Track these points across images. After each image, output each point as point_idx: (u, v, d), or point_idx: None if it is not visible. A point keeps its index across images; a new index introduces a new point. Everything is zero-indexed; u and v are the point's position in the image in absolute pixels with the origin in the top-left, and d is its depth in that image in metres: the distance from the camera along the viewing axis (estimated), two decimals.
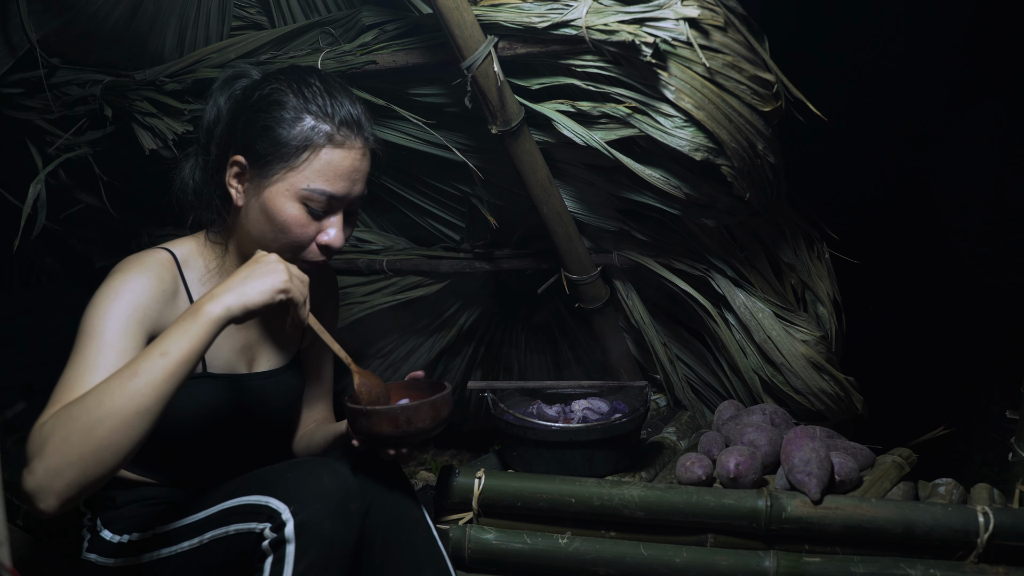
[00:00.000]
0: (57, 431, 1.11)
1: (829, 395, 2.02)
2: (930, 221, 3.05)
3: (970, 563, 1.52)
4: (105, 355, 1.23)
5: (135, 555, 1.37)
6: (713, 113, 1.79)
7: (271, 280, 1.25)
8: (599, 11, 1.77)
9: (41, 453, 1.10)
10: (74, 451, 1.10)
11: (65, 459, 1.10)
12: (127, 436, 1.12)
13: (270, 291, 1.24)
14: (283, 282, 1.25)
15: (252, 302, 1.23)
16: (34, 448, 1.11)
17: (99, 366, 1.22)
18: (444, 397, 1.42)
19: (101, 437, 1.11)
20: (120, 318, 1.27)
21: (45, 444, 1.11)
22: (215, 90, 1.48)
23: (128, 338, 1.26)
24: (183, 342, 1.17)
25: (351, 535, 1.29)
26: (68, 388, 1.20)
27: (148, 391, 1.14)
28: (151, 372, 1.14)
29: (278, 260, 1.28)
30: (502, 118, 1.86)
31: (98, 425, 1.11)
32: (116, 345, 1.25)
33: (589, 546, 1.61)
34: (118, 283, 1.31)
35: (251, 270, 1.26)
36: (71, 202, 2.31)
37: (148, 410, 1.14)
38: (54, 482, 1.09)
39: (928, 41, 2.79)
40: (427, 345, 2.39)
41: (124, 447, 1.13)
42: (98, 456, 1.11)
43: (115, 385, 1.14)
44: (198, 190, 1.48)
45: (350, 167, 1.39)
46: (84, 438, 1.10)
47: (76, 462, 1.10)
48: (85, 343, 1.25)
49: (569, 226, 2.02)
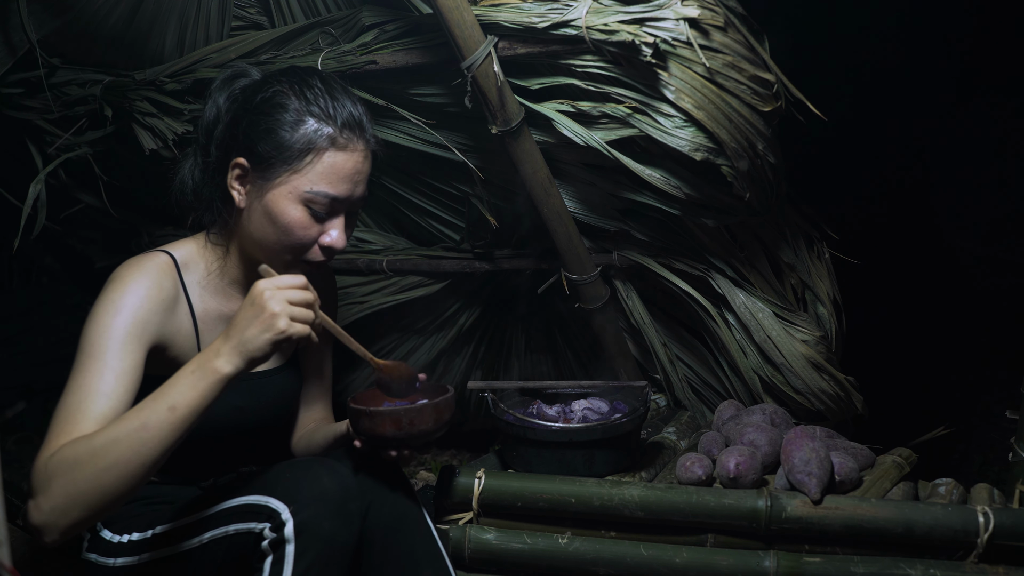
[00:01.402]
0: (62, 473, 1.15)
1: (829, 395, 2.02)
2: (930, 221, 3.05)
3: (970, 563, 1.52)
4: (105, 379, 1.25)
5: (135, 555, 1.37)
6: (713, 113, 1.79)
7: (269, 334, 1.19)
8: (599, 11, 1.77)
9: (47, 492, 1.15)
10: (80, 495, 1.15)
11: (71, 501, 1.15)
12: (131, 483, 1.17)
13: (270, 343, 1.20)
14: (280, 333, 1.19)
15: (256, 356, 1.21)
16: (39, 484, 1.16)
17: (100, 392, 1.24)
18: (447, 400, 1.42)
19: (107, 483, 1.15)
20: (119, 336, 1.28)
21: (50, 483, 1.15)
22: (214, 90, 1.48)
23: (128, 356, 1.28)
24: (191, 396, 1.19)
25: (351, 535, 1.29)
26: (70, 416, 1.22)
27: (154, 444, 1.17)
28: (158, 427, 1.17)
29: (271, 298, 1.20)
30: (502, 118, 1.86)
31: (104, 473, 1.15)
32: (116, 367, 1.26)
33: (589, 546, 1.61)
34: (117, 295, 1.31)
35: (249, 319, 1.20)
36: (71, 202, 2.31)
37: (153, 461, 1.18)
38: (59, 520, 1.15)
39: (928, 41, 2.79)
40: (427, 345, 2.39)
41: (128, 491, 1.18)
42: (102, 500, 1.16)
43: (123, 436, 1.17)
44: (198, 190, 1.48)
45: (352, 169, 1.40)
46: (90, 484, 1.15)
47: (81, 505, 1.15)
48: (85, 364, 1.26)
49: (569, 226, 2.02)
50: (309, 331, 1.23)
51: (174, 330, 1.39)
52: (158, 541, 1.36)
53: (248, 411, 1.49)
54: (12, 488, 1.85)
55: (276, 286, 1.22)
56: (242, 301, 1.43)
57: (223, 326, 1.45)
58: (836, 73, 2.65)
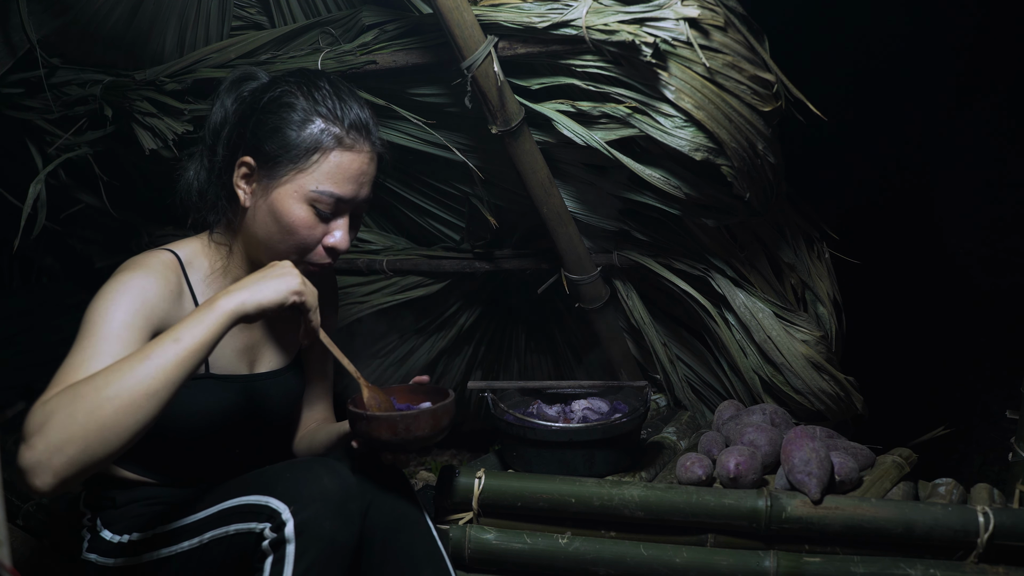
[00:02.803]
0: (62, 407, 1.09)
1: (829, 395, 2.02)
2: (930, 221, 3.05)
3: (970, 563, 1.52)
4: (110, 343, 1.22)
5: (135, 555, 1.37)
6: (713, 113, 1.79)
7: (286, 282, 1.27)
8: (599, 11, 1.77)
9: (43, 429, 1.08)
10: (78, 427, 1.08)
11: (68, 435, 1.08)
12: (133, 417, 1.11)
13: (285, 291, 1.26)
14: (298, 284, 1.28)
15: (266, 300, 1.24)
16: (34, 424, 1.09)
17: (104, 352, 1.21)
18: (445, 406, 1.41)
19: (107, 415, 1.10)
20: (127, 311, 1.27)
21: (48, 420, 1.09)
22: (222, 91, 1.48)
23: (134, 330, 1.26)
24: (196, 331, 1.18)
25: (351, 535, 1.29)
26: (71, 372, 1.19)
27: (158, 374, 1.14)
28: (162, 356, 1.15)
29: (292, 266, 1.31)
30: (502, 118, 1.86)
31: (106, 403, 1.10)
32: (121, 335, 1.24)
33: (589, 546, 1.61)
34: (124, 279, 1.31)
35: (266, 273, 1.28)
36: (71, 202, 2.31)
37: (156, 393, 1.13)
38: (54, 458, 1.07)
39: (928, 41, 2.79)
40: (427, 345, 2.39)
41: (129, 428, 1.11)
42: (102, 435, 1.09)
43: (125, 366, 1.14)
44: (203, 191, 1.48)
45: (358, 170, 1.40)
46: (90, 415, 1.09)
47: (79, 439, 1.08)
48: (90, 331, 1.24)
49: (569, 226, 2.02)
50: (316, 308, 1.30)
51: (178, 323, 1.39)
52: (158, 541, 1.36)
53: (251, 411, 1.49)
54: (12, 488, 1.85)
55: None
56: None
57: None
58: (836, 73, 2.65)
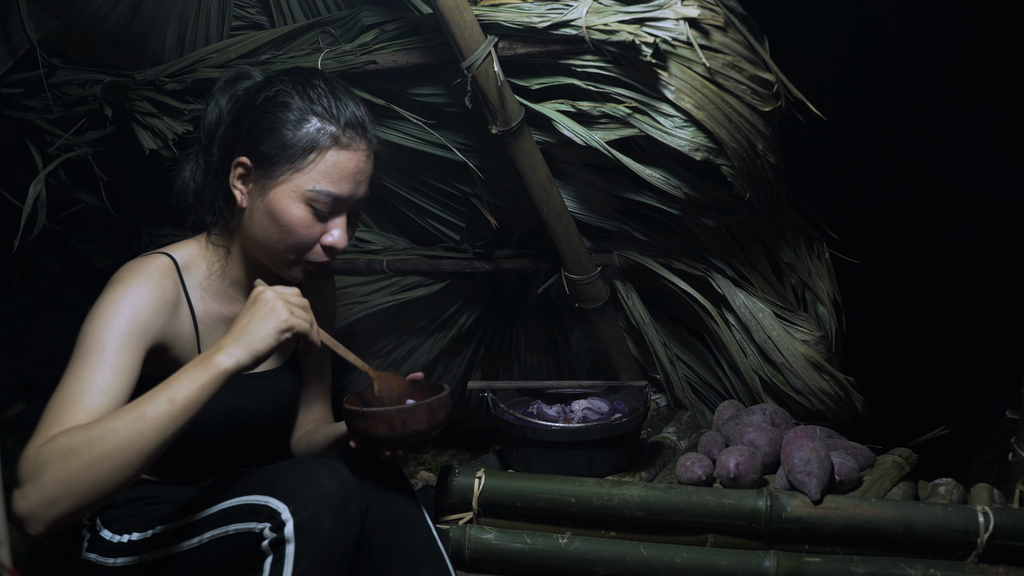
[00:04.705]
0: (55, 461, 1.11)
1: (829, 395, 2.02)
2: (930, 221, 3.05)
3: (970, 563, 1.52)
4: (103, 375, 1.23)
5: (135, 555, 1.37)
6: (713, 113, 1.79)
7: (272, 323, 1.24)
8: (599, 11, 1.77)
9: (37, 480, 1.11)
10: (72, 484, 1.11)
11: (61, 491, 1.11)
12: (125, 475, 1.14)
13: (275, 333, 1.24)
14: (284, 321, 1.25)
15: (260, 350, 1.23)
16: (28, 472, 1.12)
17: (95, 387, 1.21)
18: (440, 400, 1.41)
19: (100, 474, 1.12)
20: (120, 334, 1.27)
21: (42, 471, 1.11)
22: (216, 91, 1.48)
23: (127, 355, 1.26)
24: (190, 390, 1.18)
25: (351, 535, 1.29)
26: (64, 408, 1.19)
27: (152, 435, 1.15)
28: (156, 418, 1.15)
29: (273, 296, 1.26)
30: (502, 118, 1.86)
31: (99, 463, 1.12)
32: (114, 364, 1.24)
33: (589, 546, 1.61)
34: (119, 295, 1.30)
35: (251, 315, 1.25)
36: (71, 202, 2.31)
37: (149, 453, 1.15)
38: (48, 511, 1.11)
39: (928, 41, 2.79)
40: (427, 345, 2.39)
41: (121, 484, 1.14)
42: (93, 491, 1.12)
43: (120, 425, 1.14)
44: (199, 192, 1.48)
45: (355, 168, 1.40)
46: (83, 473, 1.11)
47: (71, 496, 1.11)
48: (83, 359, 1.24)
49: (569, 226, 2.02)
50: (310, 325, 1.28)
51: (175, 332, 1.39)
52: (158, 541, 1.36)
53: (248, 411, 1.49)
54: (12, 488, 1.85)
55: (274, 288, 1.28)
56: (243, 302, 1.44)
57: (224, 328, 1.45)
58: (836, 73, 2.65)
